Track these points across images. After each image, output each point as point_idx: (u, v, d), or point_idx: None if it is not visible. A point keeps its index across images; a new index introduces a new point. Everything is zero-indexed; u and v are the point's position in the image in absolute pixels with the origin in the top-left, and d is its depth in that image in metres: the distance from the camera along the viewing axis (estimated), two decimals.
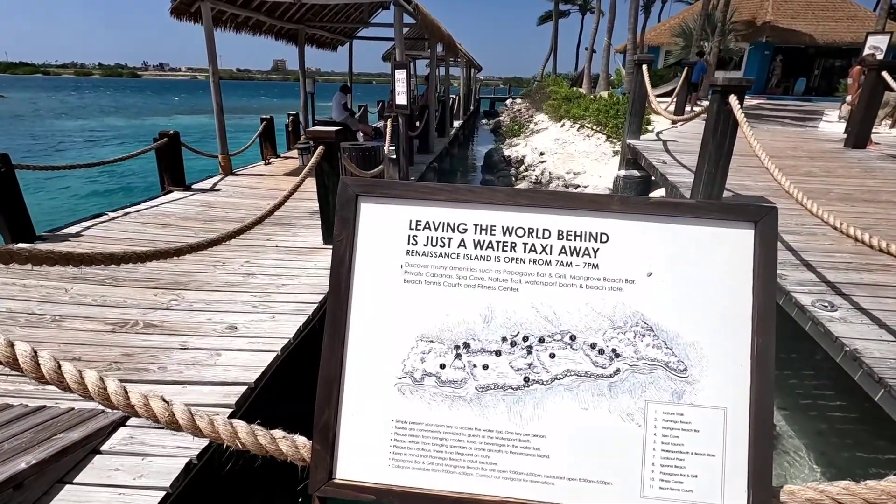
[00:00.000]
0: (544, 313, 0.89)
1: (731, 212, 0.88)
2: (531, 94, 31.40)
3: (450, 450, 0.88)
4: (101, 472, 1.77)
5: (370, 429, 0.89)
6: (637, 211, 0.89)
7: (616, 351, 0.87)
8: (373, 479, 0.89)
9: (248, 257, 4.00)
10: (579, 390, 0.87)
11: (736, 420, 0.84)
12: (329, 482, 0.89)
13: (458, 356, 0.89)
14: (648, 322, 0.87)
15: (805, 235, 3.62)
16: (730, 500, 0.84)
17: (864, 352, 2.24)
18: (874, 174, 5.64)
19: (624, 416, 0.86)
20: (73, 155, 18.28)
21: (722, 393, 0.85)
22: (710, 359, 0.86)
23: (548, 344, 0.88)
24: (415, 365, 0.90)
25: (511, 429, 0.87)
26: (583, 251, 0.89)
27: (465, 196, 0.91)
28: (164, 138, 5.87)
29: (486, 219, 0.91)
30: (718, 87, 3.69)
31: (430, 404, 0.89)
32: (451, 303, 0.90)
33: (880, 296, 2.75)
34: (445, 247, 0.91)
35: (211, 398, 2.17)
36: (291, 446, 0.94)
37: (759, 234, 0.87)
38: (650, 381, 0.86)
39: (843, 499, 0.87)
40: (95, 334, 2.73)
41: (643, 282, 0.88)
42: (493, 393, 0.88)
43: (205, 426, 0.92)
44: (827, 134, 9.04)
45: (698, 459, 0.85)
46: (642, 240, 0.88)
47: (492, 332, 0.89)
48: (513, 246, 0.90)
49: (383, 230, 0.92)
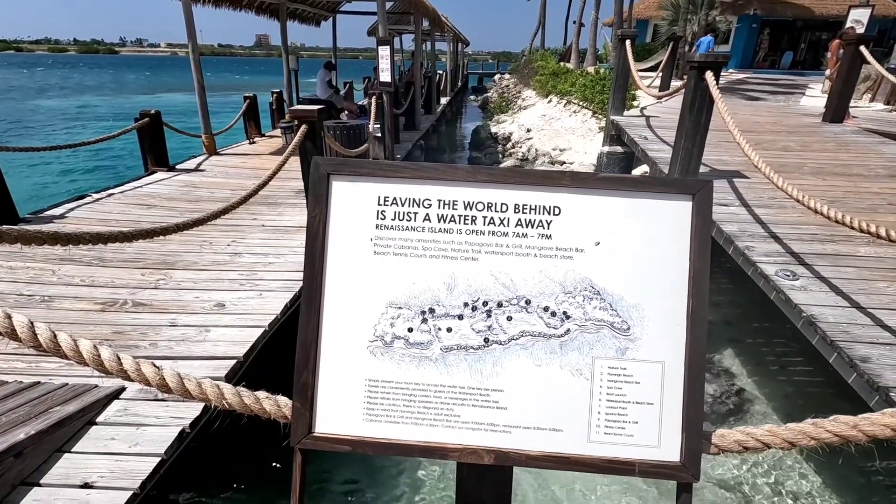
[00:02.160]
0: (502, 280, 0.98)
1: (671, 186, 0.96)
2: (519, 70, 31.07)
3: (418, 404, 0.97)
4: (98, 441, 1.85)
5: (345, 387, 0.98)
6: (587, 186, 0.97)
7: (567, 313, 0.96)
8: (348, 432, 0.98)
9: (235, 237, 4.04)
10: (533, 349, 0.96)
11: (672, 372, 0.94)
12: (309, 436, 0.98)
13: (424, 321, 0.98)
14: (596, 287, 0.96)
15: (775, 209, 3.74)
16: (666, 442, 0.95)
17: (820, 317, 2.38)
18: (848, 148, 5.76)
19: (573, 371, 0.96)
20: (52, 136, 17.84)
21: (660, 349, 0.95)
22: (650, 319, 0.95)
23: (505, 308, 0.97)
24: (385, 329, 0.98)
25: (472, 384, 0.97)
26: (537, 223, 0.97)
27: (429, 174, 0.99)
28: (146, 118, 5.80)
29: (448, 194, 0.98)
30: (695, 63, 3.74)
31: (400, 364, 0.98)
32: (417, 272, 0.98)
33: (840, 265, 2.88)
34: (411, 221, 0.98)
35: (201, 372, 2.25)
36: (274, 405, 1.03)
37: (697, 206, 0.96)
38: (597, 339, 0.96)
39: (766, 439, 0.98)
40: (85, 314, 2.79)
41: (592, 251, 0.96)
42: (456, 353, 0.97)
43: (193, 388, 1.00)
44: (808, 108, 9.14)
45: (639, 408, 0.95)
46: (591, 212, 0.97)
47: (455, 299, 0.98)
48: (473, 219, 0.98)
49: (354, 206, 0.99)
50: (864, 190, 4.21)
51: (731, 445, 1.00)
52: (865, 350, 2.14)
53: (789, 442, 0.98)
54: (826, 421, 0.96)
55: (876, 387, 1.94)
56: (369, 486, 2.82)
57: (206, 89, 6.94)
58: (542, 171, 0.99)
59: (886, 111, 8.83)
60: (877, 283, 2.71)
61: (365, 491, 2.80)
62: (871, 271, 2.83)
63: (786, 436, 0.98)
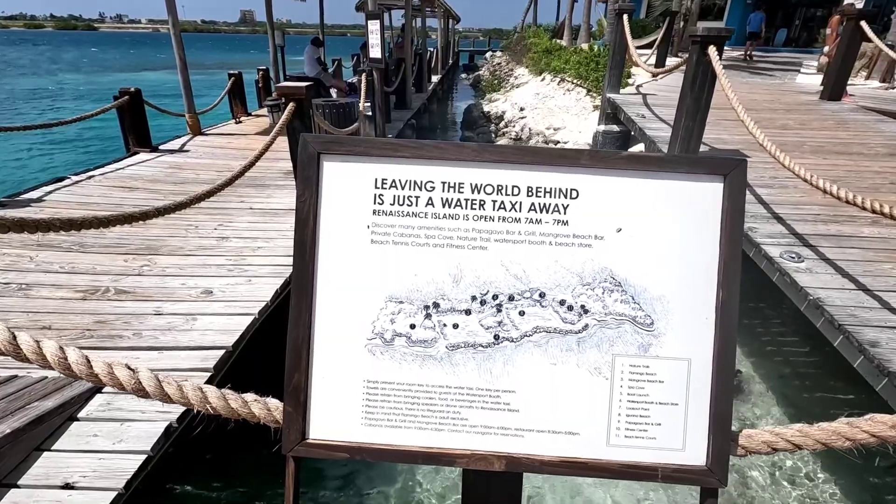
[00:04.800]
0: (514, 271, 0.88)
1: (700, 165, 0.87)
2: (511, 47, 30.54)
3: (421, 407, 0.89)
4: (79, 438, 1.76)
5: (341, 389, 0.90)
6: (607, 166, 0.87)
7: (585, 307, 0.88)
8: (345, 438, 0.90)
9: (222, 220, 3.91)
10: (548, 346, 0.88)
11: (699, 370, 0.87)
12: (302, 442, 0.89)
13: (427, 316, 0.89)
14: (617, 278, 0.87)
15: (777, 189, 3.67)
16: (691, 445, 0.88)
17: (827, 300, 2.33)
18: (847, 126, 5.70)
19: (592, 370, 0.88)
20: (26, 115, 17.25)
21: (686, 345, 0.87)
22: (675, 312, 0.87)
23: (517, 302, 0.88)
24: (384, 326, 0.89)
25: (481, 385, 0.88)
26: (552, 208, 0.88)
27: (432, 152, 0.88)
28: (126, 96, 5.56)
29: (453, 176, 0.88)
30: (697, 37, 3.62)
31: (401, 364, 0.89)
32: (419, 263, 0.88)
33: (845, 246, 2.83)
34: (413, 206, 0.88)
35: (188, 363, 2.16)
36: (263, 409, 0.94)
37: (728, 188, 0.87)
38: (617, 335, 0.87)
39: (796, 440, 0.91)
40: (65, 302, 2.67)
41: (612, 238, 0.87)
42: (463, 351, 0.88)
43: (173, 392, 0.90)
44: (804, 86, 9.05)
45: (662, 409, 0.87)
46: (612, 195, 0.87)
47: (461, 292, 0.88)
48: (481, 203, 0.88)
49: (348, 189, 0.89)
50: (865, 169, 4.16)
51: (759, 447, 0.93)
52: (874, 334, 2.10)
53: (822, 443, 0.91)
54: (862, 420, 0.89)
55: (886, 372, 1.90)
56: (367, 484, 2.77)
57: (190, 67, 6.67)
58: (557, 149, 0.89)
59: (883, 89, 8.76)
60: (882, 264, 2.66)
61: (362, 487, 2.75)
62: (877, 252, 2.78)
63: (818, 436, 0.90)
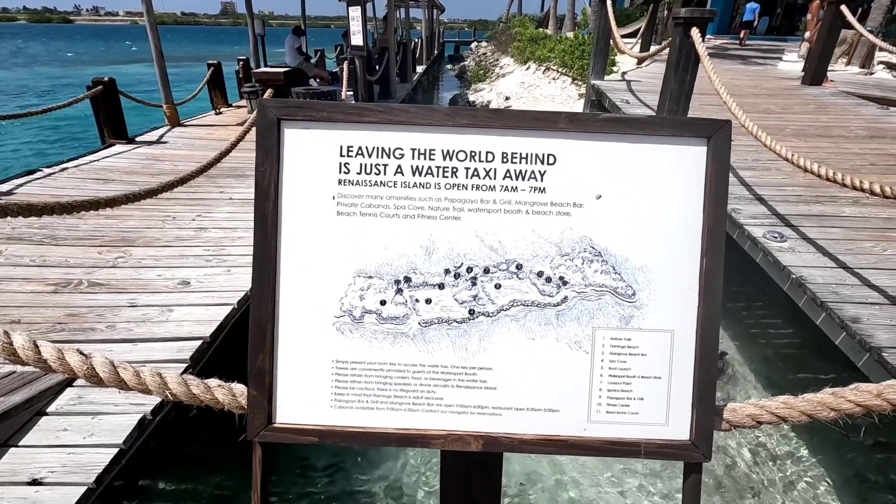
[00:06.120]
0: (489, 242, 0.84)
1: (683, 127, 0.83)
2: (496, 37, 30.36)
3: (394, 387, 0.85)
4: (49, 433, 1.69)
5: (309, 371, 0.85)
6: (586, 129, 0.83)
7: (563, 278, 0.84)
8: (314, 421, 0.85)
9: (200, 211, 3.81)
10: (526, 320, 0.84)
11: (682, 342, 0.84)
12: (268, 427, 0.85)
13: (399, 291, 0.84)
14: (597, 247, 0.84)
15: (760, 171, 3.68)
16: (674, 420, 0.85)
17: (809, 279, 2.33)
18: (828, 110, 5.75)
19: (571, 344, 0.84)
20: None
21: (669, 316, 0.83)
22: (658, 282, 0.84)
23: (493, 274, 0.84)
24: (353, 303, 0.84)
25: (457, 363, 0.84)
26: (529, 174, 0.83)
27: (400, 117, 0.83)
28: (99, 86, 5.39)
29: (423, 142, 0.83)
30: (681, 19, 3.59)
31: (372, 342, 0.84)
32: (389, 235, 0.84)
33: (826, 226, 2.85)
34: (381, 174, 0.83)
35: (164, 354, 2.09)
36: (228, 394, 0.89)
37: (712, 150, 0.83)
38: (598, 307, 0.84)
39: (781, 412, 0.89)
40: (36, 295, 2.57)
41: (592, 205, 0.83)
42: (437, 327, 0.84)
43: (130, 378, 0.85)
44: (786, 72, 9.11)
45: (644, 382, 0.84)
46: (591, 160, 0.83)
47: (434, 265, 0.84)
48: (454, 171, 0.83)
49: (311, 158, 0.84)
50: (845, 151, 4.19)
51: (743, 420, 0.90)
52: (855, 310, 2.10)
53: (807, 414, 0.89)
54: (846, 390, 0.87)
55: (868, 347, 1.91)
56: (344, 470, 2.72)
57: (170, 60, 6.49)
58: (533, 112, 0.84)
59: (863, 74, 8.86)
60: (863, 242, 2.68)
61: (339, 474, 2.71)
62: (857, 231, 2.80)
63: (803, 408, 0.88)
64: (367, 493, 2.55)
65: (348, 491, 2.56)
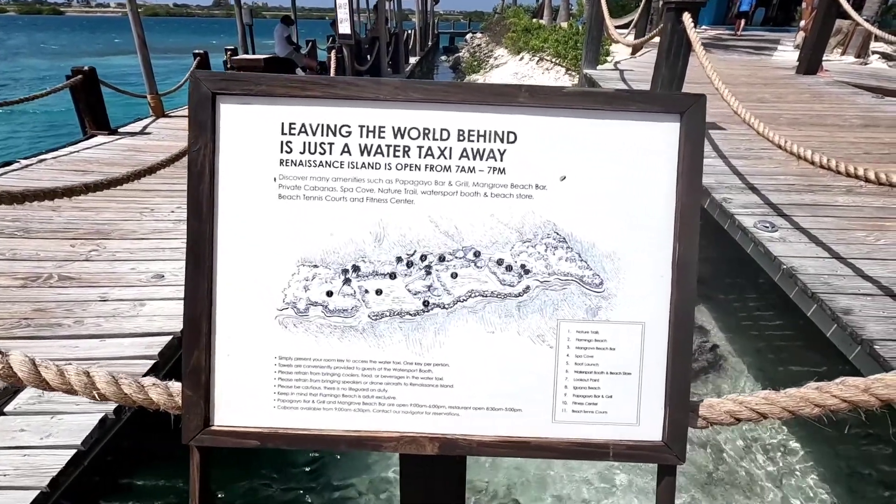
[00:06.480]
0: (444, 228, 0.77)
1: (654, 101, 0.76)
2: (491, 28, 30.11)
3: (342, 386, 0.78)
4: (4, 434, 1.62)
5: (250, 369, 0.78)
6: (549, 104, 0.76)
7: (525, 266, 0.77)
8: (256, 423, 0.79)
9: (181, 203, 3.71)
10: (485, 312, 0.77)
11: (654, 335, 0.77)
12: (206, 430, 0.78)
13: (346, 281, 0.77)
14: (561, 233, 0.77)
15: (752, 160, 3.62)
16: (646, 419, 0.79)
17: (800, 269, 2.27)
18: (822, 99, 5.68)
19: (534, 338, 0.78)
20: None
21: (640, 307, 0.77)
22: (627, 270, 0.77)
23: (449, 262, 0.77)
24: (297, 294, 0.77)
25: (410, 359, 0.78)
26: (487, 154, 0.76)
27: (347, 91, 0.76)
28: (79, 75, 5.26)
29: (373, 119, 0.76)
30: (672, 4, 3.50)
31: (318, 337, 0.78)
32: (335, 220, 0.77)
33: (819, 215, 2.79)
34: (326, 154, 0.76)
35: (132, 350, 2.02)
36: (163, 394, 0.82)
37: (685, 127, 0.76)
38: (563, 297, 0.77)
39: (762, 408, 0.83)
40: (2, 290, 2.48)
41: (556, 187, 0.76)
42: (388, 320, 0.78)
43: (52, 378, 0.77)
44: (780, 62, 9.04)
45: (613, 379, 0.78)
46: (555, 138, 0.76)
47: (384, 253, 0.77)
48: (406, 150, 0.76)
49: (250, 136, 0.76)
50: (840, 140, 4.13)
51: (721, 417, 0.84)
52: (847, 301, 2.05)
53: (789, 411, 0.83)
54: (832, 385, 0.81)
55: (859, 339, 1.85)
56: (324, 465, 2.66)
57: (160, 51, 6.34)
58: (491, 85, 0.77)
59: (858, 64, 8.80)
60: (856, 232, 2.62)
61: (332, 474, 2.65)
62: (850, 220, 2.74)
63: (785, 404, 0.82)
64: (346, 489, 2.49)
65: (325, 486, 2.50)
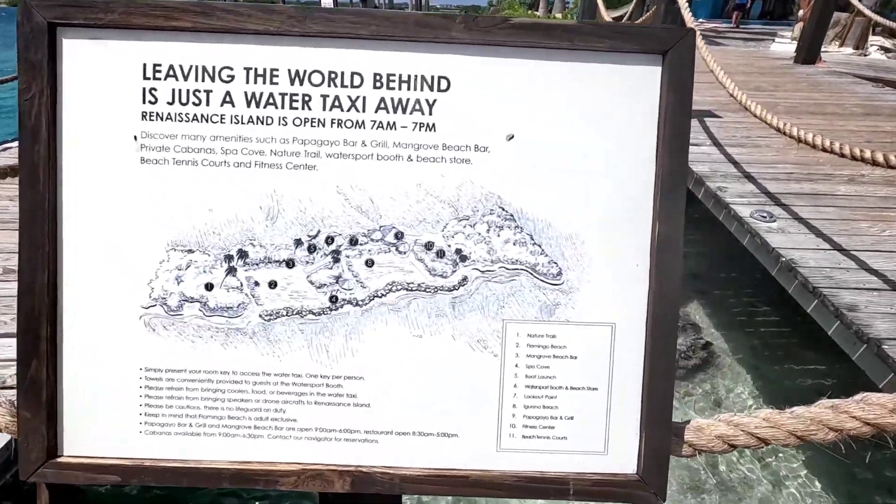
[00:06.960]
0: (356, 201, 0.60)
1: (628, 37, 0.59)
2: None
3: (228, 404, 0.61)
4: None
5: (108, 383, 0.61)
6: (491, 41, 0.58)
7: (462, 252, 0.60)
8: (118, 453, 0.62)
9: None
10: (409, 310, 0.61)
11: (627, 340, 0.61)
12: (50, 461, 0.61)
13: (231, 271, 0.60)
14: (508, 208, 0.60)
15: (749, 148, 3.48)
16: (616, 446, 0.62)
17: (801, 262, 2.13)
18: (821, 88, 5.55)
19: (473, 344, 0.61)
20: None
21: (609, 304, 0.61)
22: (593, 257, 0.60)
23: (363, 246, 0.60)
24: (167, 287, 0.60)
25: (315, 370, 0.61)
26: (412, 105, 0.59)
27: (227, 22, 0.58)
28: None
29: (263, 59, 0.58)
30: None
31: (196, 342, 0.61)
32: (215, 191, 0.59)
33: (820, 205, 2.65)
34: (202, 104, 0.59)
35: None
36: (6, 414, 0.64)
37: (669, 71, 0.59)
38: (510, 291, 0.61)
39: (763, 432, 0.66)
40: None
41: (501, 148, 0.59)
42: (285, 321, 0.61)
43: None
44: (778, 53, 8.90)
45: (575, 396, 0.61)
46: (499, 85, 0.59)
47: (279, 233, 0.60)
48: (306, 100, 0.59)
49: (102, 81, 0.59)
50: (839, 128, 4.00)
51: (712, 443, 0.68)
52: (851, 297, 1.90)
53: (797, 436, 0.67)
54: (850, 403, 0.65)
55: (866, 338, 1.70)
56: None
57: None
58: (416, 14, 0.59)
59: (856, 55, 8.66)
60: (859, 223, 2.48)
61: None
62: (853, 211, 2.60)
63: (792, 426, 0.66)
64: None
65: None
